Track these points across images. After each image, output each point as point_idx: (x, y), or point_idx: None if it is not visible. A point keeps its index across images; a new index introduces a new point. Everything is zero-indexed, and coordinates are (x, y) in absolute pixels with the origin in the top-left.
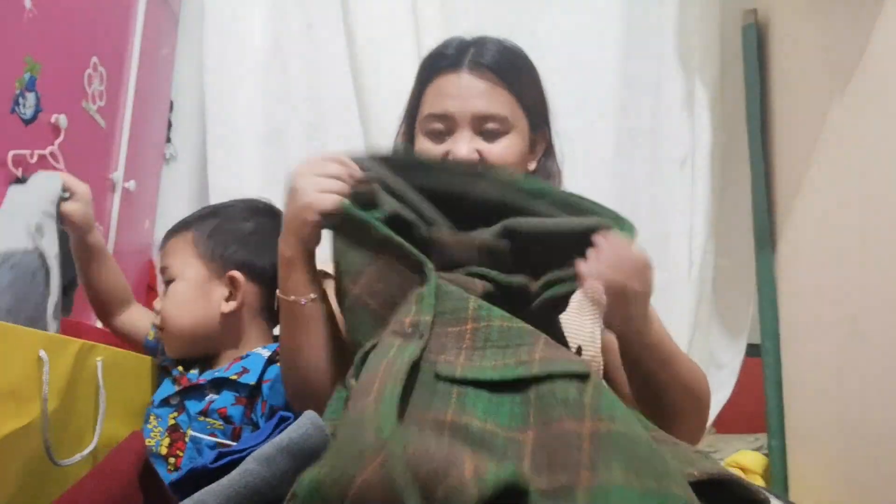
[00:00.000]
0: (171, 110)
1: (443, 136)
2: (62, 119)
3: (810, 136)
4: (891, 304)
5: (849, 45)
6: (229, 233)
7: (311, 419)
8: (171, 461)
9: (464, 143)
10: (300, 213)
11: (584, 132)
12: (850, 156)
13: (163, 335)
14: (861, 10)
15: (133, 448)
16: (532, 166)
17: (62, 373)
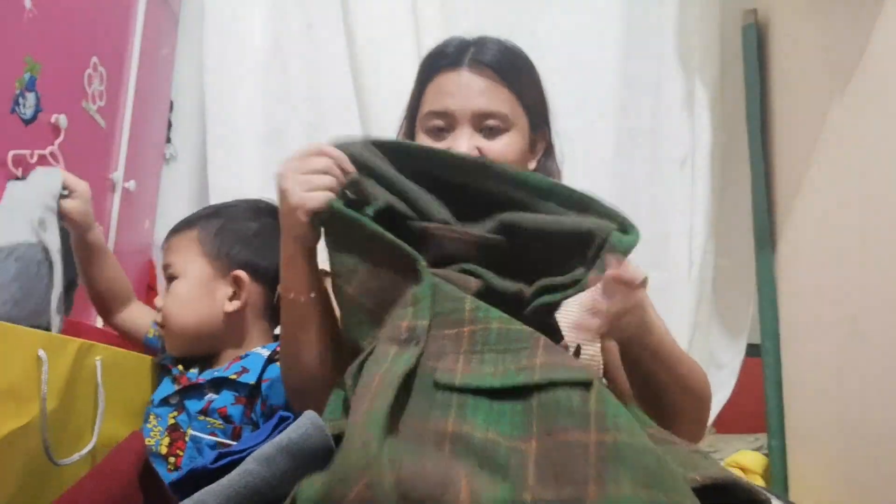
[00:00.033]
0: (171, 110)
1: (443, 133)
2: (62, 119)
3: (810, 136)
4: (891, 304)
5: (849, 45)
6: (234, 232)
7: (311, 419)
8: (171, 460)
9: (464, 140)
10: (291, 215)
11: (584, 132)
12: (850, 156)
13: (164, 333)
14: (861, 10)
15: (133, 448)
16: (532, 165)
17: (61, 372)
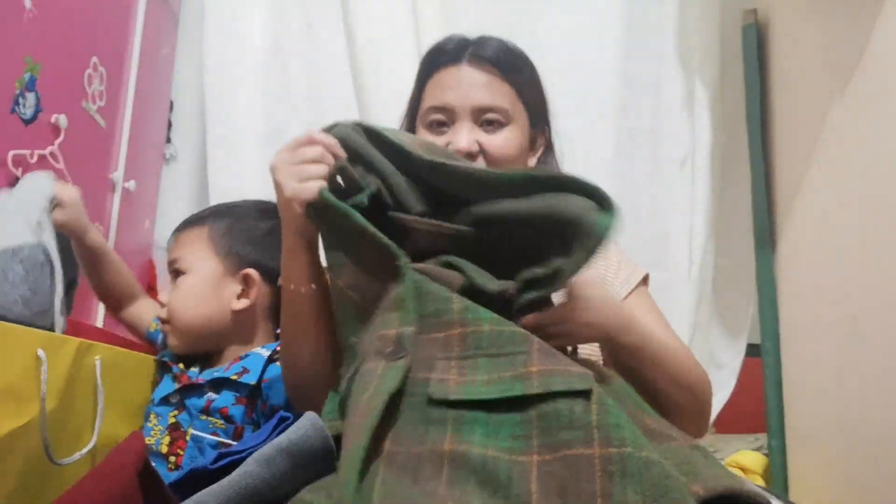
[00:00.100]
0: (171, 110)
1: (443, 127)
2: (62, 119)
3: (810, 136)
4: (891, 304)
5: (849, 45)
6: (245, 232)
7: (311, 420)
8: (172, 460)
9: (464, 133)
10: (287, 208)
11: (584, 132)
12: (850, 156)
13: (168, 328)
14: (861, 10)
15: (133, 448)
16: (532, 162)
17: (61, 372)
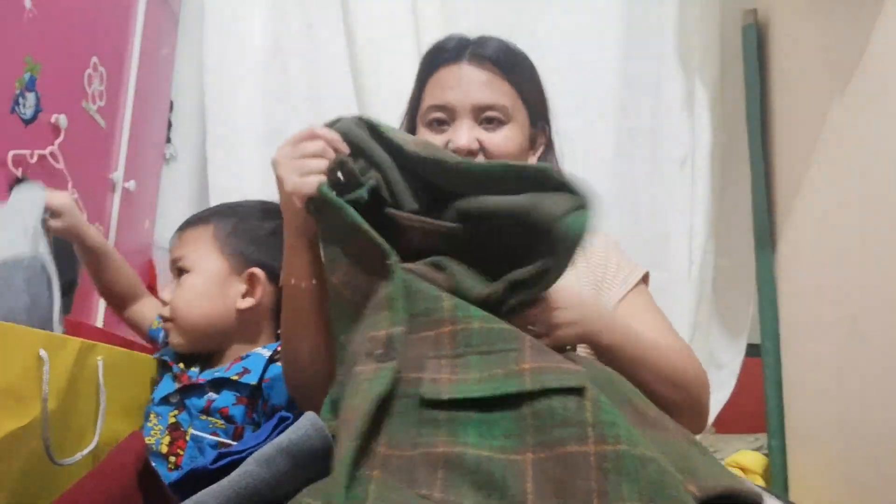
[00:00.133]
0: (171, 110)
1: (443, 125)
2: (62, 119)
3: (810, 136)
4: (891, 304)
5: (849, 45)
6: (249, 231)
7: (311, 420)
8: (172, 460)
9: (464, 131)
10: (288, 203)
11: (584, 132)
12: (850, 156)
13: (171, 327)
14: (861, 10)
15: (133, 448)
16: (532, 161)
17: (62, 372)
